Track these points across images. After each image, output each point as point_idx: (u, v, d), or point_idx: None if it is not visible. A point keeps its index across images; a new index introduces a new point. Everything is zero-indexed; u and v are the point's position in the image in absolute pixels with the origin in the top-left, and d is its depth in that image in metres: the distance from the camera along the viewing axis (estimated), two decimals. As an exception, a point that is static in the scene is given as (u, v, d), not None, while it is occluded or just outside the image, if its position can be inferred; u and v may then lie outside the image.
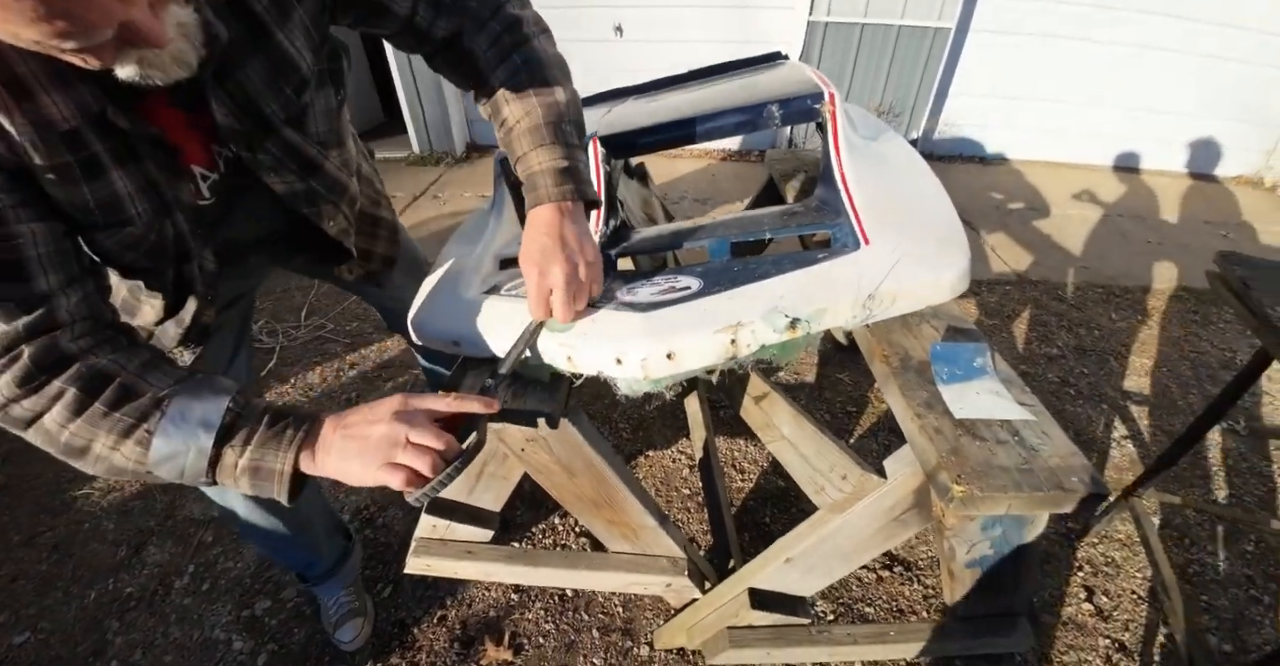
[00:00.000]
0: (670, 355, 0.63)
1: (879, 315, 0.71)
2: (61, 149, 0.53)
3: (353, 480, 0.57)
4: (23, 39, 0.43)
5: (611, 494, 0.89)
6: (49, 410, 0.54)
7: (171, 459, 0.55)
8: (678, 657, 1.20)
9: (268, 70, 0.63)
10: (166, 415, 0.55)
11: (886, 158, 0.98)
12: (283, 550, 1.15)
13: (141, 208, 0.61)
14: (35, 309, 0.54)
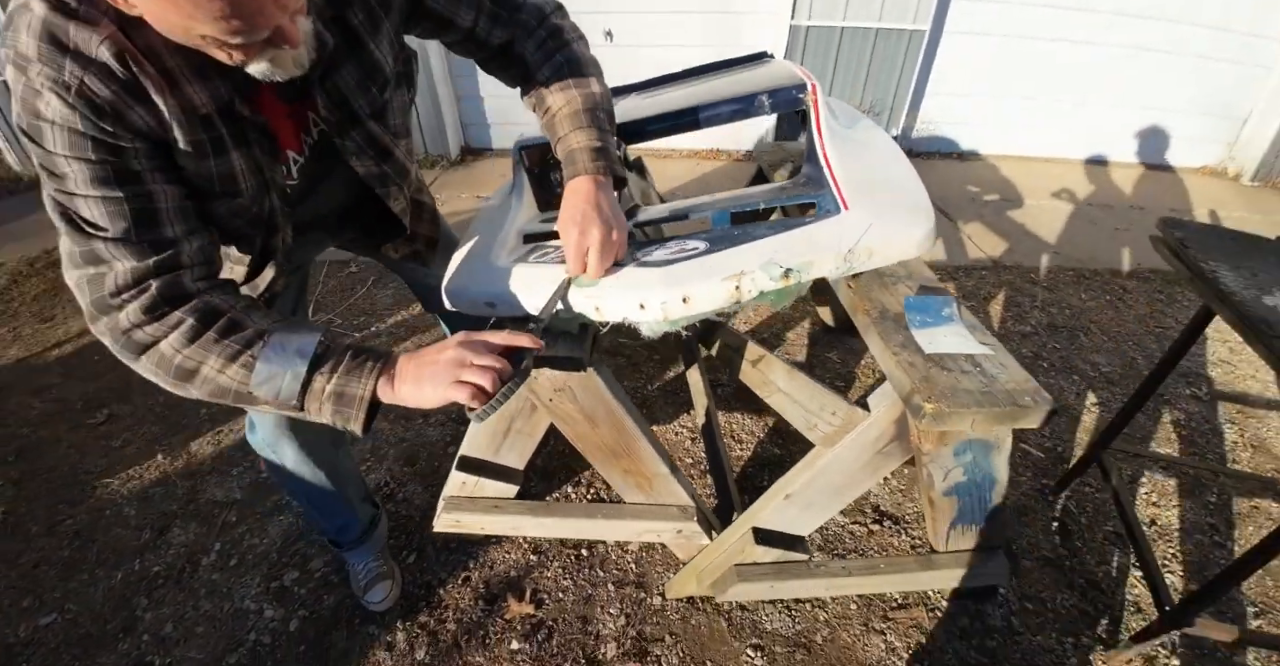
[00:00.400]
0: (685, 299, 0.75)
1: (858, 267, 0.82)
2: (199, 128, 0.65)
3: (425, 401, 0.68)
4: (194, 33, 0.55)
5: (629, 442, 0.99)
6: (167, 336, 0.65)
7: (270, 381, 0.66)
8: (688, 605, 1.30)
9: (359, 72, 0.76)
10: (269, 344, 0.66)
11: (862, 140, 1.10)
12: (324, 507, 1.24)
13: (249, 183, 0.73)
14: (164, 250, 0.65)
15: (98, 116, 0.59)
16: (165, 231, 0.66)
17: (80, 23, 0.57)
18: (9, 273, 3.01)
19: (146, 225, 0.64)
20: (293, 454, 1.08)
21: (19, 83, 0.59)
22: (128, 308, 0.64)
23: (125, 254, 0.64)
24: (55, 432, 1.94)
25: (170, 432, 1.89)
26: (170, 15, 0.54)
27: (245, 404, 0.69)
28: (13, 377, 2.23)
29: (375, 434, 1.81)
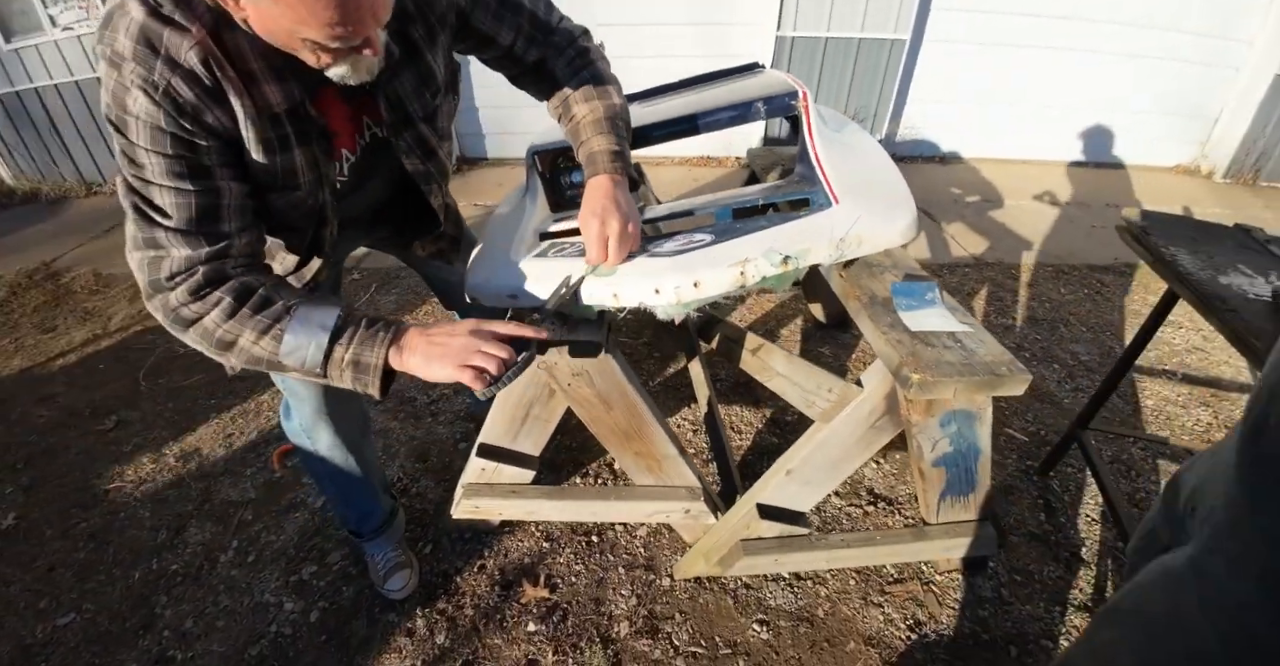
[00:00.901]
0: (696, 284, 0.82)
1: (849, 254, 0.90)
2: (269, 127, 0.73)
3: (432, 376, 0.75)
4: (298, 36, 0.63)
5: (641, 425, 1.06)
6: (209, 313, 0.74)
7: (297, 350, 0.73)
8: (695, 585, 1.37)
9: (416, 79, 0.85)
10: (295, 318, 0.74)
11: (849, 142, 1.19)
12: (350, 493, 1.29)
13: (307, 178, 0.80)
14: (217, 243, 0.74)
15: (179, 115, 0.67)
16: (222, 226, 0.74)
17: (174, 29, 0.65)
18: (8, 285, 3.03)
19: (207, 218, 0.72)
20: (327, 439, 1.14)
21: (111, 78, 0.66)
22: (178, 289, 0.72)
23: (182, 243, 0.71)
24: (64, 440, 1.96)
25: (180, 436, 1.92)
26: (283, 20, 0.61)
27: (277, 371, 0.77)
28: (17, 387, 2.25)
29: (387, 432, 1.87)
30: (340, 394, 1.14)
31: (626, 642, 1.26)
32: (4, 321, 2.72)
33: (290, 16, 0.60)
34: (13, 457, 1.90)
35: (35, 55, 4.01)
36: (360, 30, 0.63)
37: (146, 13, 0.65)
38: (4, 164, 4.45)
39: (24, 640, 1.37)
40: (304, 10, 0.59)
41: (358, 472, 1.23)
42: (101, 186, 4.38)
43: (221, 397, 2.08)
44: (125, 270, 3.03)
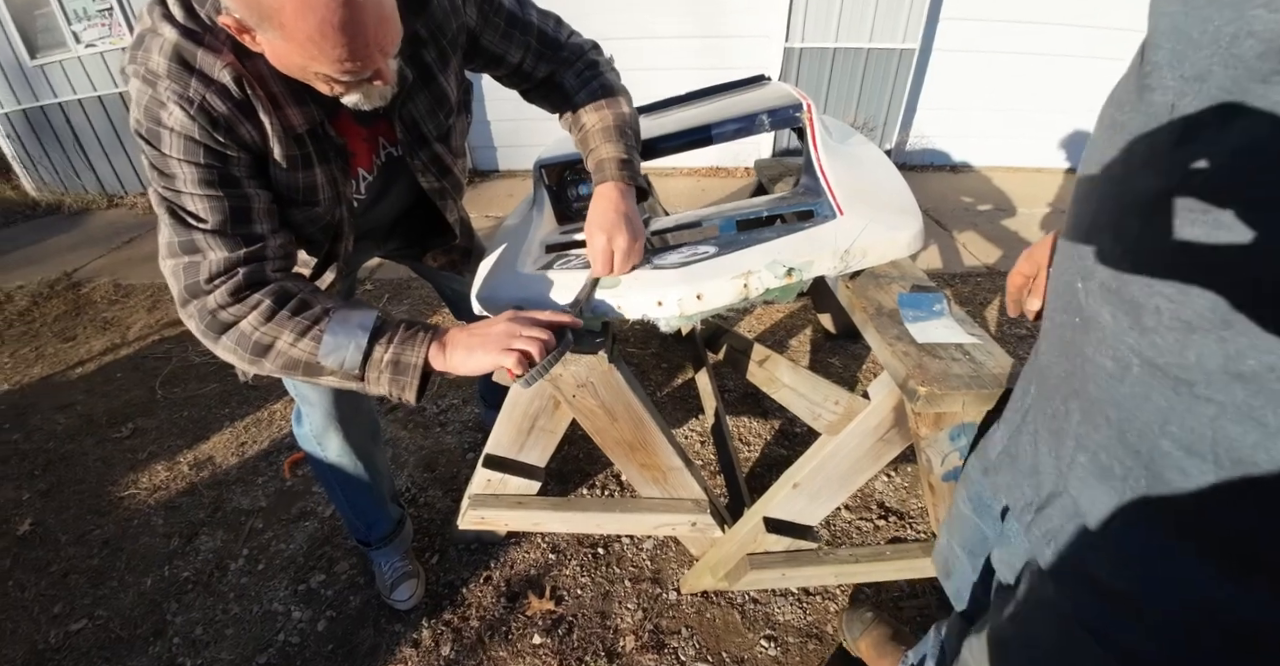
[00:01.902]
0: (699, 296, 0.82)
1: (854, 266, 0.90)
2: (293, 145, 0.76)
3: (476, 367, 0.76)
4: (310, 71, 0.66)
5: (646, 436, 1.06)
6: (247, 316, 0.75)
7: (336, 351, 0.74)
8: (702, 599, 1.35)
9: (430, 101, 0.88)
10: (334, 319, 0.75)
11: (855, 153, 1.19)
12: (359, 501, 1.30)
13: (326, 195, 0.84)
14: (253, 244, 0.76)
15: (213, 128, 0.70)
16: (255, 228, 0.76)
17: (206, 49, 0.68)
18: (30, 294, 3.09)
19: (240, 221, 0.75)
20: (337, 445, 1.16)
21: (145, 94, 0.69)
22: (217, 291, 0.73)
23: (220, 244, 0.73)
24: (81, 446, 2.00)
25: (194, 445, 1.95)
26: (294, 56, 0.64)
27: (313, 375, 0.77)
28: (37, 395, 2.30)
29: (395, 442, 1.88)
30: (351, 400, 1.16)
31: (632, 657, 1.25)
32: (26, 330, 2.77)
33: (301, 53, 0.63)
34: (31, 464, 1.93)
35: (59, 70, 4.13)
36: (368, 64, 0.66)
37: (180, 34, 0.68)
38: (28, 176, 4.57)
39: (37, 644, 1.38)
40: (313, 49, 0.62)
41: (366, 479, 1.24)
42: (122, 198, 4.48)
43: (235, 407, 2.10)
44: (144, 281, 3.10)
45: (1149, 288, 0.42)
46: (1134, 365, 0.44)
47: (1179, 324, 0.41)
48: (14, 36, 3.99)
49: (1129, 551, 0.48)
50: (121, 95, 4.18)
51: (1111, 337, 0.46)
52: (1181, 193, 0.40)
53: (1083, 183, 0.52)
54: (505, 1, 0.93)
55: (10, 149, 4.46)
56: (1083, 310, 0.49)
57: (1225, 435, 0.40)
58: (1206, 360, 0.39)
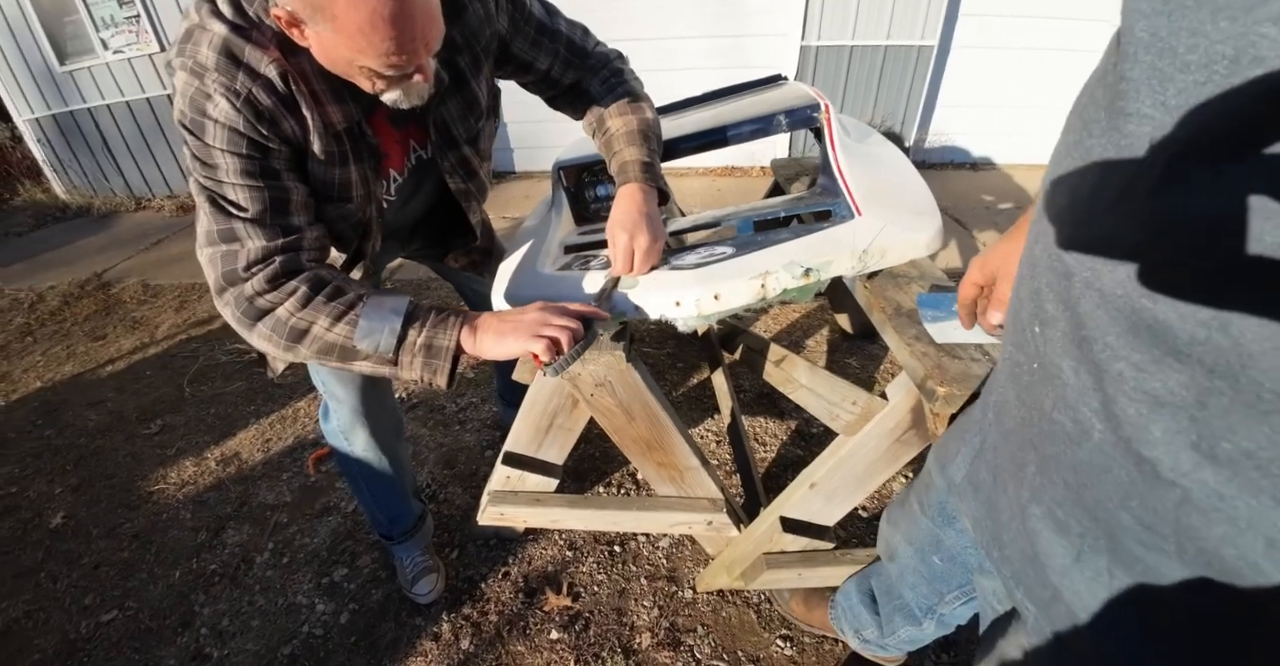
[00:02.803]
0: (717, 296, 0.83)
1: (872, 266, 0.90)
2: (331, 142, 0.78)
3: (505, 351, 0.78)
4: (355, 65, 0.68)
5: (663, 435, 1.06)
6: (284, 302, 0.77)
7: (370, 335, 0.76)
8: (718, 598, 1.36)
9: (462, 105, 0.90)
10: (368, 305, 0.78)
11: (873, 153, 1.18)
12: (383, 495, 1.33)
13: (359, 193, 0.86)
14: (291, 234, 0.78)
15: (257, 120, 0.72)
16: (293, 219, 0.79)
17: (254, 45, 0.71)
18: (60, 294, 3.18)
19: (279, 211, 0.77)
20: (363, 441, 1.19)
21: (191, 86, 0.71)
22: (254, 278, 0.76)
23: (258, 233, 0.76)
24: (112, 442, 2.05)
25: (221, 441, 2.00)
26: (342, 50, 0.66)
27: (347, 360, 0.79)
28: (69, 392, 2.37)
29: (416, 439, 1.91)
30: (378, 396, 1.19)
31: (648, 654, 1.27)
32: (57, 329, 2.86)
33: (349, 46, 0.65)
34: (63, 459, 1.99)
35: (88, 76, 4.24)
36: (413, 59, 0.68)
37: (229, 29, 0.70)
38: (58, 179, 4.70)
39: (68, 634, 1.43)
40: (362, 41, 0.64)
41: (390, 474, 1.27)
42: (150, 201, 4.59)
43: (260, 404, 2.15)
44: (172, 282, 3.18)
45: (1110, 350, 0.37)
46: (1094, 431, 0.39)
47: (1143, 395, 0.35)
48: (44, 43, 4.11)
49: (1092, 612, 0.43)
50: (149, 100, 4.28)
51: (1072, 396, 0.41)
52: (1159, 250, 0.33)
53: (1046, 206, 0.44)
54: (535, 10, 0.95)
55: (41, 153, 4.59)
56: (1041, 356, 0.43)
57: (1189, 525, 0.35)
58: (1174, 438, 0.34)
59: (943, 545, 0.77)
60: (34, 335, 2.83)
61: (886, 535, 0.90)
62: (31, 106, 4.39)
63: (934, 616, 0.88)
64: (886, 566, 0.94)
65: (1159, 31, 0.32)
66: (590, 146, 1.28)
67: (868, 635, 1.05)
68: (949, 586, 0.82)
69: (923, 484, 0.80)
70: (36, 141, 4.54)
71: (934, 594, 0.85)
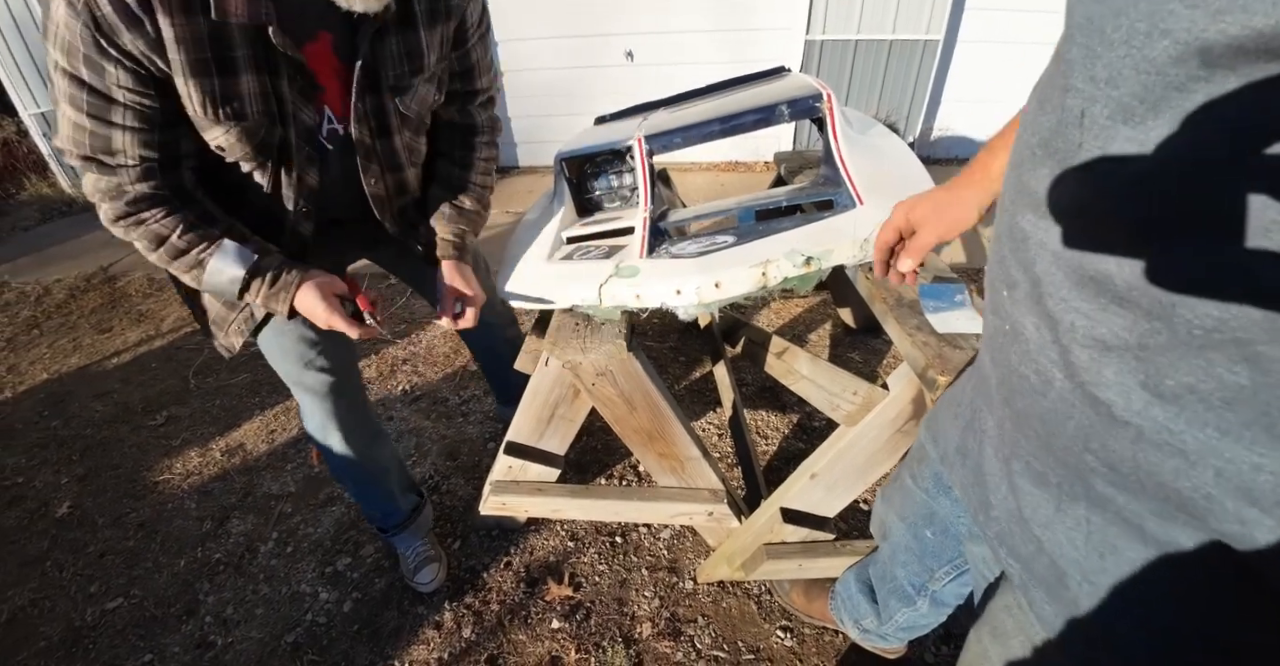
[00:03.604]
0: (718, 284, 0.83)
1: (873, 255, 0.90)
2: (205, 48, 0.72)
3: None
4: None
5: (664, 426, 1.07)
6: (137, 243, 0.82)
7: (215, 292, 0.86)
8: (719, 589, 1.36)
9: (402, 47, 0.87)
10: (207, 271, 0.83)
11: (875, 143, 1.18)
12: (366, 492, 1.34)
13: (255, 107, 0.79)
14: (111, 176, 0.77)
15: (95, 30, 0.67)
16: (118, 153, 0.76)
17: None
18: (67, 287, 3.20)
19: (105, 151, 0.75)
20: (338, 443, 1.20)
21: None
22: (102, 208, 0.80)
23: (96, 167, 0.77)
24: (117, 433, 2.07)
25: (226, 432, 2.01)
26: None
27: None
28: (75, 384, 2.38)
29: (419, 431, 1.91)
30: (347, 404, 1.19)
31: (649, 643, 1.27)
32: (64, 322, 2.88)
33: None
34: (70, 450, 2.01)
35: (97, 71, 4.24)
36: None
37: None
38: (64, 174, 4.72)
39: (74, 622, 1.44)
40: None
41: (368, 474, 1.28)
42: (155, 194, 4.60)
43: (265, 396, 2.16)
44: (176, 273, 3.19)
45: (1063, 303, 0.40)
46: (1055, 380, 0.42)
47: (1093, 342, 0.38)
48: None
49: (1071, 557, 0.46)
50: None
51: (1034, 350, 0.44)
52: (1095, 207, 0.37)
53: (1005, 181, 0.48)
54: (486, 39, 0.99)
55: (47, 147, 4.61)
56: (1010, 317, 0.47)
57: (1146, 460, 0.38)
58: (1124, 379, 0.37)
59: (936, 516, 0.79)
60: (40, 328, 2.85)
61: (880, 513, 0.92)
62: (37, 101, 4.41)
63: (927, 594, 0.89)
64: (880, 548, 0.96)
65: (1093, 16, 0.36)
66: (591, 138, 1.28)
67: (867, 625, 1.05)
68: (940, 561, 0.84)
69: (915, 458, 0.81)
70: (42, 135, 4.56)
71: (925, 571, 0.87)
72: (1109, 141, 0.35)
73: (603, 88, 3.85)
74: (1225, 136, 0.30)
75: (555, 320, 0.99)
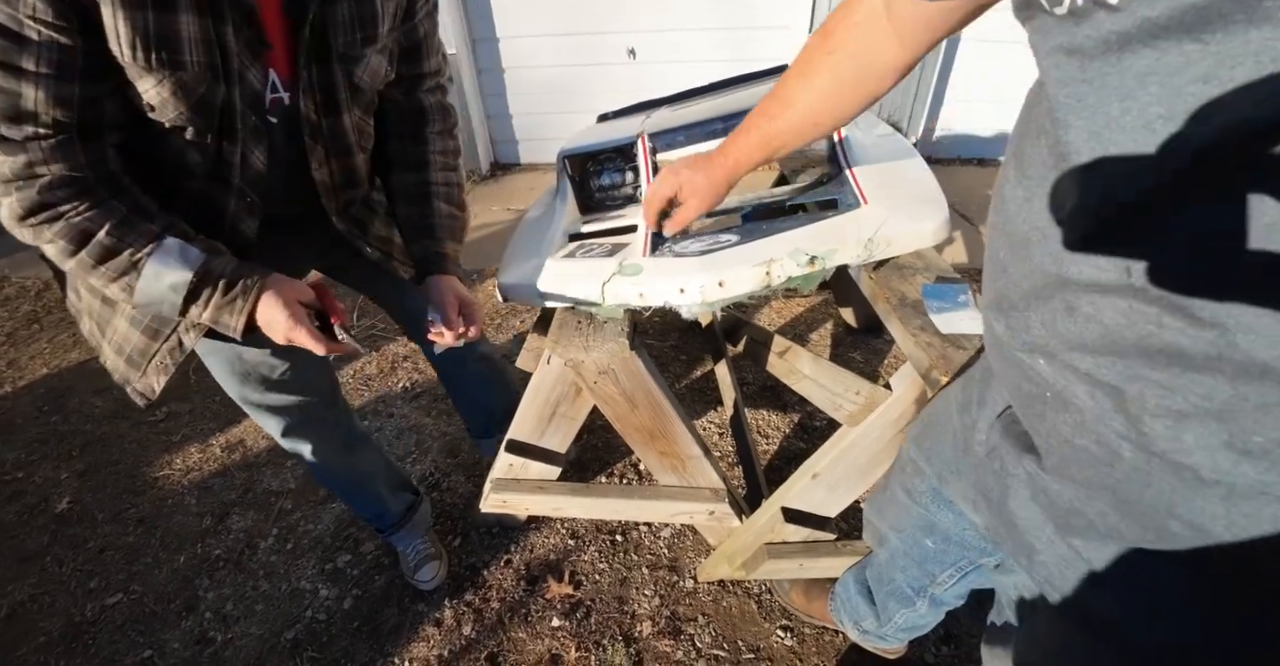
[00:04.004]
0: (721, 283, 0.83)
1: (877, 255, 0.90)
2: None
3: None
4: None
5: (666, 424, 1.07)
6: (50, 245, 0.68)
7: (149, 305, 0.71)
8: (719, 588, 1.36)
9: (354, 12, 0.79)
10: (142, 276, 0.69)
11: (880, 142, 1.18)
12: (352, 497, 1.34)
13: (198, 58, 0.67)
14: (18, 154, 0.63)
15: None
16: (27, 118, 0.62)
17: None
18: (69, 283, 3.20)
19: (9, 99, 0.61)
20: (309, 453, 1.15)
21: None
22: (3, 202, 0.66)
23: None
24: (117, 429, 2.07)
25: (226, 428, 2.01)
26: None
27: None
28: (75, 379, 2.38)
29: (419, 428, 1.91)
30: (319, 420, 1.12)
31: (649, 642, 1.27)
32: (64, 317, 2.87)
33: None
34: (69, 445, 2.01)
35: (98, 66, 4.23)
36: None
37: None
38: (68, 168, 4.71)
39: (74, 617, 1.45)
40: None
41: (349, 482, 1.27)
42: (156, 190, 4.59)
43: (263, 392, 2.16)
44: (176, 269, 3.18)
45: (1125, 372, 0.38)
46: (1124, 451, 0.40)
47: (1167, 411, 0.37)
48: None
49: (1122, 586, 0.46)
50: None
51: (1092, 421, 0.42)
52: (1150, 288, 0.35)
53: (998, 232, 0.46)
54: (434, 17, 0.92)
55: (50, 141, 4.60)
56: (1051, 385, 0.44)
57: (1242, 514, 0.37)
58: (1206, 440, 0.36)
59: (936, 527, 0.79)
60: (41, 323, 2.84)
61: (873, 522, 0.92)
62: (38, 95, 4.39)
63: (926, 595, 0.89)
64: (876, 552, 0.95)
65: (1085, 98, 0.35)
66: (594, 136, 1.28)
67: (867, 626, 1.05)
68: (942, 566, 0.84)
69: (906, 473, 0.81)
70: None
71: (925, 575, 0.87)
72: (1146, 214, 0.34)
73: (604, 85, 3.84)
74: None
75: (557, 318, 0.98)
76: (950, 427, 0.71)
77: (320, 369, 1.09)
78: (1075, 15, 0.34)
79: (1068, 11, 0.34)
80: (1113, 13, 0.32)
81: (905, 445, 0.85)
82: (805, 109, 0.67)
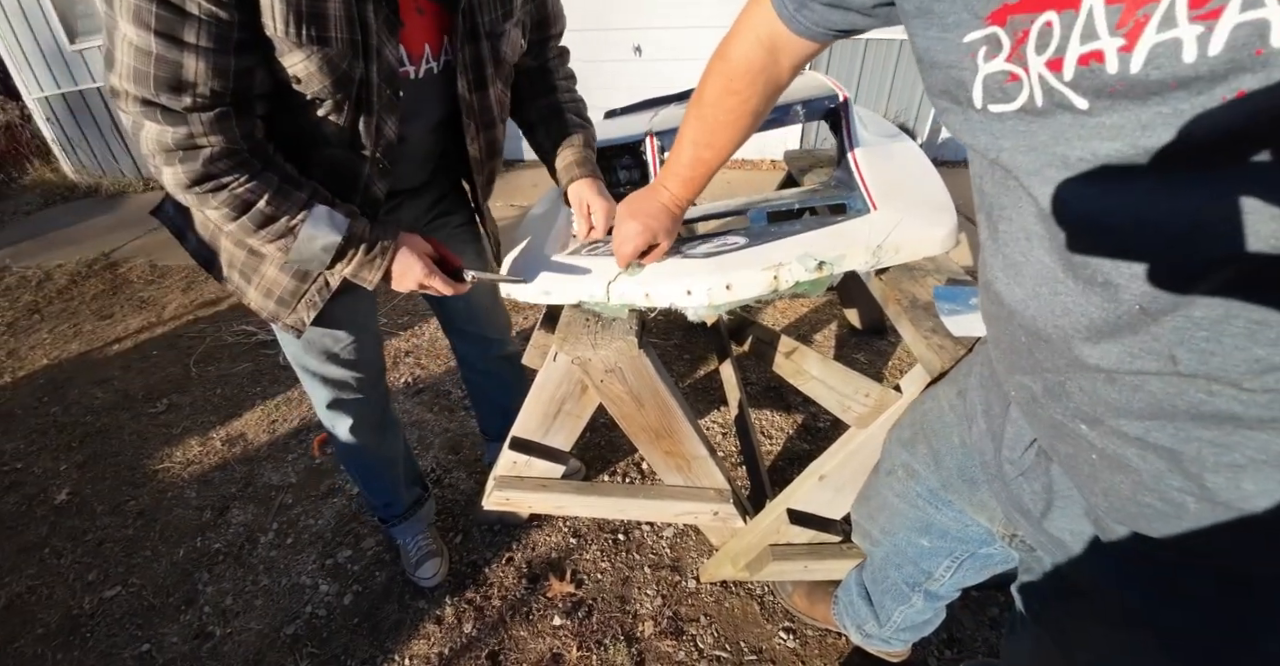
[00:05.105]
0: (729, 286, 0.82)
1: (886, 261, 0.89)
2: None
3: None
4: None
5: (672, 423, 1.06)
6: (215, 211, 0.75)
7: (301, 262, 0.82)
8: (722, 589, 1.36)
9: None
10: (298, 239, 0.79)
11: (890, 147, 1.17)
12: (370, 481, 1.34)
13: (341, 34, 0.72)
14: (180, 125, 0.69)
15: None
16: (187, 88, 0.67)
17: None
18: (68, 273, 3.19)
19: (171, 69, 0.65)
20: (344, 430, 1.20)
21: None
22: (165, 171, 0.72)
23: (170, 118, 0.68)
24: (118, 421, 2.06)
25: (227, 421, 2.00)
26: None
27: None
28: (75, 370, 2.37)
29: (422, 424, 1.91)
30: (367, 398, 1.18)
31: (650, 642, 1.27)
32: (65, 308, 2.86)
33: None
34: (69, 436, 2.00)
35: (98, 55, 4.22)
36: None
37: None
38: (67, 159, 4.70)
39: (72, 610, 1.44)
40: None
41: (374, 462, 1.28)
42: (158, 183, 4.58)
43: (267, 385, 2.15)
44: (179, 262, 3.18)
45: (1180, 434, 0.39)
46: (1189, 504, 0.41)
47: (1227, 466, 0.38)
48: (54, 21, 4.09)
49: None
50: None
51: (1151, 480, 0.42)
52: (1185, 378, 0.37)
53: (1010, 324, 0.48)
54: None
55: (50, 132, 4.59)
56: (1099, 449, 0.45)
57: None
58: (1266, 485, 0.37)
59: (933, 526, 0.80)
60: (41, 313, 2.83)
61: (864, 525, 0.93)
62: (41, 85, 4.38)
63: (920, 590, 0.90)
64: (870, 553, 0.95)
65: (1004, 146, 0.40)
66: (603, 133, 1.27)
67: (869, 629, 1.05)
68: (937, 560, 0.84)
69: (896, 476, 0.82)
70: (45, 120, 4.54)
71: (921, 572, 0.87)
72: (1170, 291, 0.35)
73: (611, 82, 3.82)
74: None
75: (565, 315, 0.98)
76: (952, 436, 0.71)
77: (376, 348, 1.17)
78: (1029, 113, 0.36)
79: (1020, 109, 0.36)
80: (1080, 116, 0.34)
81: (891, 448, 0.85)
82: (730, 147, 0.79)
